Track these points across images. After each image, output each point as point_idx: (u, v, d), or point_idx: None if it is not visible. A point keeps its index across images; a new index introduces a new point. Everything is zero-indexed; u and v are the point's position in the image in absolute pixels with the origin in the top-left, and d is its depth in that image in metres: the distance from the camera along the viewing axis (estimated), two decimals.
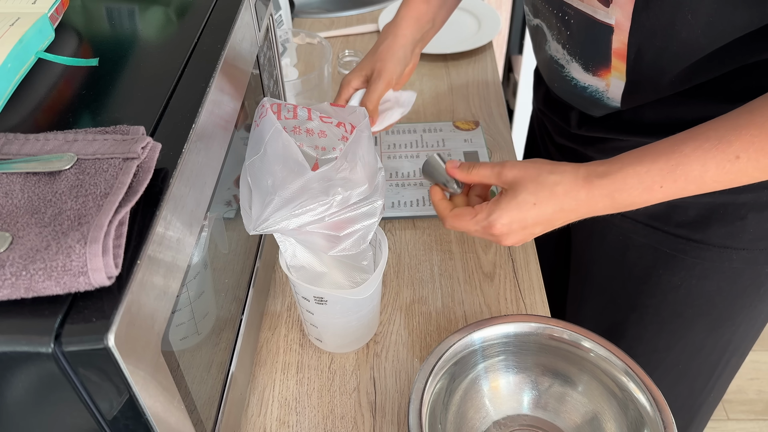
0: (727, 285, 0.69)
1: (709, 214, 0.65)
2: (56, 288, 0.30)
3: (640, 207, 0.53)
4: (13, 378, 0.32)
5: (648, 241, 0.70)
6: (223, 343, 0.51)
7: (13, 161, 0.36)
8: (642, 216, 0.69)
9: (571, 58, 0.64)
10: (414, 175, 0.83)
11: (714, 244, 0.66)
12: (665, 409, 0.52)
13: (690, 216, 0.65)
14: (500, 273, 0.73)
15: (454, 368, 0.58)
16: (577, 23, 0.60)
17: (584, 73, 0.63)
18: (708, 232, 0.66)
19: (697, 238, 0.67)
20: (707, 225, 0.66)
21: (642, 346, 0.80)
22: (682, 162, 0.49)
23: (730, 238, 0.65)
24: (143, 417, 0.34)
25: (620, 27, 0.56)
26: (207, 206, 0.44)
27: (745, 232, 0.65)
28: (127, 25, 0.54)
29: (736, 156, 0.48)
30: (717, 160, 0.49)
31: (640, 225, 0.70)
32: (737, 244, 0.66)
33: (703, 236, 0.66)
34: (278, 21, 0.98)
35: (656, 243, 0.70)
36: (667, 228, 0.68)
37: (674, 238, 0.68)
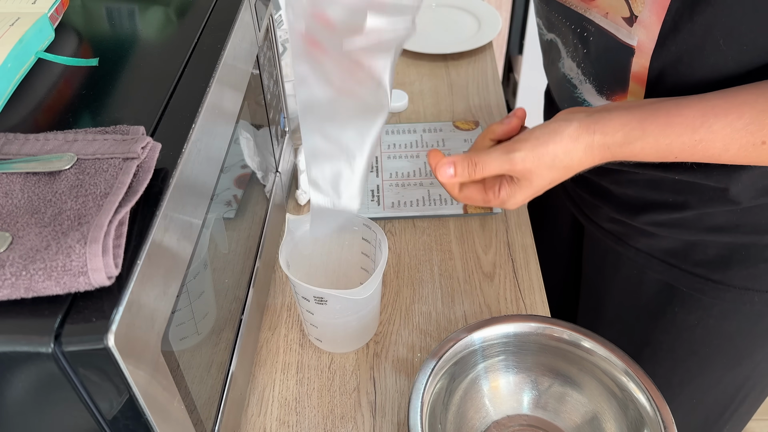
0: (748, 326, 0.66)
1: (730, 254, 0.61)
2: (56, 288, 0.30)
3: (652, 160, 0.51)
4: (13, 378, 0.32)
5: (664, 277, 0.67)
6: (223, 343, 0.51)
7: (13, 161, 0.36)
8: (658, 252, 0.66)
9: (585, 79, 0.60)
10: (414, 175, 0.83)
11: (734, 286, 0.63)
12: (665, 409, 0.52)
13: (709, 255, 0.62)
14: (500, 273, 0.73)
15: (454, 368, 0.58)
16: (596, 41, 0.56)
17: (597, 96, 0.60)
18: (728, 273, 0.62)
19: (717, 279, 0.63)
20: (728, 265, 0.62)
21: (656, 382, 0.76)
22: (706, 139, 0.47)
23: (752, 280, 0.62)
24: (143, 417, 0.34)
25: (642, 49, 0.52)
26: (207, 206, 0.44)
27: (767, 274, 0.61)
28: (127, 25, 0.54)
29: (762, 141, 0.46)
30: (742, 143, 0.46)
31: (656, 260, 0.67)
32: (759, 286, 0.62)
33: (723, 277, 0.63)
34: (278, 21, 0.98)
35: (673, 280, 0.67)
36: (685, 266, 0.64)
37: (692, 277, 0.65)
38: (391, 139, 0.90)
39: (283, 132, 0.76)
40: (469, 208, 0.78)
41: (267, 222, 0.66)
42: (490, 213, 0.78)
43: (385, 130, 0.91)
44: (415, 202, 0.79)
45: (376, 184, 0.82)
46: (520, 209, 0.80)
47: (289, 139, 0.79)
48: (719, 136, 0.46)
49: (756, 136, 0.45)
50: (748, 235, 0.59)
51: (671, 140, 0.48)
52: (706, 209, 0.59)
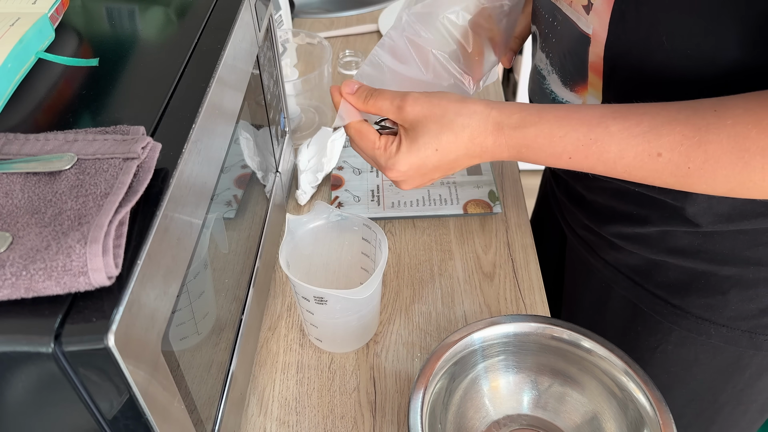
0: (706, 359, 0.64)
1: (689, 280, 0.60)
2: (56, 288, 0.30)
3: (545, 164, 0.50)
4: (13, 378, 0.32)
5: (628, 294, 0.66)
6: (223, 343, 0.51)
7: (14, 161, 0.36)
8: (624, 268, 0.65)
9: (552, 69, 0.60)
10: None
11: (692, 314, 0.61)
12: (665, 409, 0.52)
13: (670, 278, 0.61)
14: (500, 273, 0.73)
15: (454, 368, 0.58)
16: (562, 30, 0.56)
17: (563, 88, 0.59)
18: (687, 300, 0.61)
19: (676, 303, 0.62)
20: (687, 291, 0.61)
21: None
22: (601, 139, 0.45)
23: (710, 311, 0.60)
24: (143, 417, 0.34)
25: (596, 38, 0.51)
26: (207, 206, 0.44)
27: (726, 308, 0.59)
28: (127, 25, 0.54)
29: (658, 153, 0.43)
30: (638, 150, 0.44)
31: (622, 276, 0.66)
32: (717, 318, 0.60)
33: (682, 302, 0.62)
34: (278, 21, 0.98)
35: (636, 299, 0.66)
36: (648, 286, 0.63)
37: (653, 298, 0.64)
38: None
39: (283, 132, 0.76)
40: (469, 208, 0.78)
41: (267, 222, 0.66)
42: (490, 213, 0.78)
43: None
44: (415, 202, 0.79)
45: (376, 184, 0.82)
46: (520, 209, 0.80)
47: (289, 139, 0.79)
48: (615, 139, 0.45)
49: (652, 146, 0.43)
50: (708, 263, 0.58)
51: (566, 132, 0.46)
52: (668, 227, 0.58)
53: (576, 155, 0.46)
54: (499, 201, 0.79)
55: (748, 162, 0.41)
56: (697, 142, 0.42)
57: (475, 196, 0.80)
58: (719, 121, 0.42)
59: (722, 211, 0.54)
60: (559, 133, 0.47)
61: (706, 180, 0.43)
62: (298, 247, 0.63)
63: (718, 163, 0.42)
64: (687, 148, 0.43)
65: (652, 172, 0.45)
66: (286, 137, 0.78)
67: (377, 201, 0.80)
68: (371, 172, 0.84)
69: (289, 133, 0.79)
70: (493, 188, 0.81)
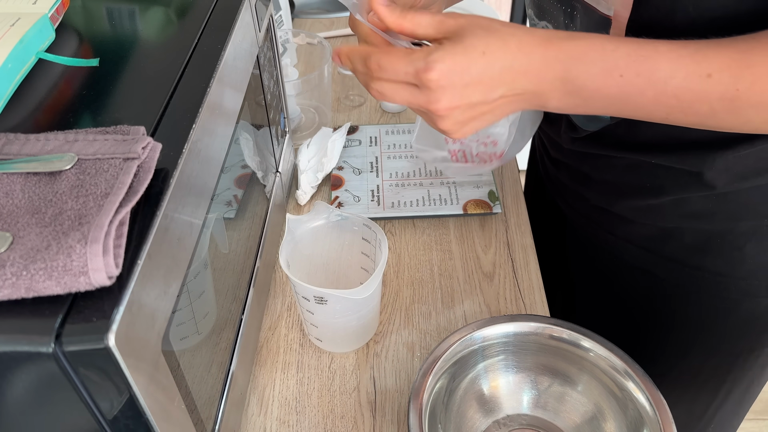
0: (725, 314, 0.66)
1: (706, 241, 0.62)
2: (57, 288, 0.30)
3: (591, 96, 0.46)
4: (14, 378, 0.32)
5: (642, 265, 0.67)
6: (223, 343, 0.51)
7: (14, 161, 0.36)
8: (636, 239, 0.67)
9: None
10: (414, 175, 0.83)
11: (710, 272, 0.63)
12: (665, 409, 0.52)
13: (686, 242, 0.63)
14: (500, 273, 0.73)
15: (454, 368, 0.58)
16: (581, 17, 0.56)
17: None
18: (704, 260, 0.63)
19: (693, 265, 0.64)
20: (704, 252, 0.62)
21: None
22: (652, 56, 0.44)
23: (728, 267, 0.62)
24: (143, 417, 0.34)
25: (618, 19, 0.52)
26: (207, 206, 0.44)
27: (743, 262, 0.61)
28: (128, 25, 0.54)
29: (708, 74, 0.43)
30: (688, 70, 0.44)
31: (634, 247, 0.67)
32: (735, 273, 0.62)
33: (700, 264, 0.63)
34: (278, 21, 0.98)
35: (650, 267, 0.67)
36: (663, 253, 0.65)
37: (669, 264, 0.65)
38: (391, 139, 0.90)
39: (283, 132, 0.76)
40: (469, 208, 0.78)
41: (267, 222, 0.66)
42: (490, 213, 0.78)
43: (385, 130, 0.91)
44: (415, 202, 0.79)
45: (376, 184, 0.82)
46: (520, 209, 0.80)
47: (289, 139, 0.79)
48: (665, 57, 0.44)
49: (701, 66, 0.43)
50: (724, 222, 0.59)
51: (616, 46, 0.45)
52: (683, 194, 0.59)
53: (628, 71, 0.44)
54: (498, 201, 0.79)
55: None
56: (745, 64, 0.42)
57: (475, 196, 0.80)
58: (762, 45, 0.42)
59: (738, 170, 0.55)
60: (610, 47, 0.45)
61: (754, 103, 0.43)
62: (298, 247, 0.63)
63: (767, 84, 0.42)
64: (735, 69, 0.43)
65: (701, 94, 0.44)
66: (286, 137, 0.78)
67: (377, 201, 0.80)
68: (371, 172, 0.84)
69: (289, 133, 0.79)
70: (493, 188, 0.81)
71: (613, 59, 0.44)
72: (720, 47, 0.43)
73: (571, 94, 0.46)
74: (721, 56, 0.43)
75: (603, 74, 0.45)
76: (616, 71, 0.44)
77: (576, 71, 0.45)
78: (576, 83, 0.45)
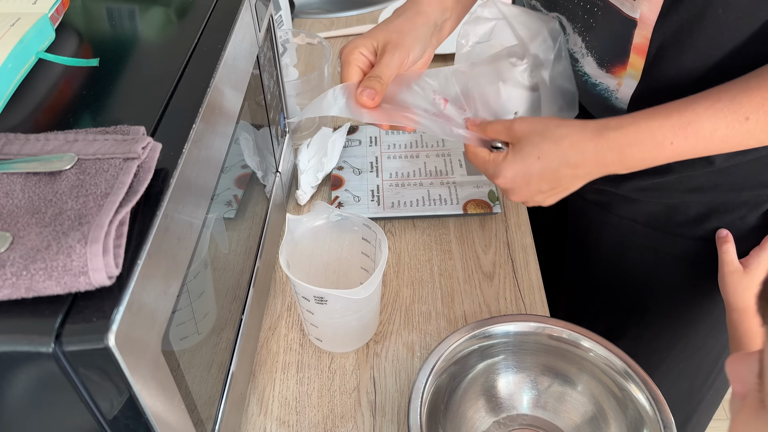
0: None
1: (709, 212, 0.65)
2: (57, 288, 0.30)
3: (651, 163, 0.53)
4: (14, 378, 0.32)
5: (648, 242, 0.70)
6: (223, 343, 0.51)
7: (14, 161, 0.36)
8: (641, 216, 0.69)
9: (588, 52, 0.63)
10: (414, 175, 0.83)
11: (713, 240, 0.67)
12: (665, 409, 0.52)
13: (690, 215, 0.66)
14: (500, 273, 0.73)
15: (454, 368, 0.58)
16: (603, 15, 0.58)
17: (598, 69, 0.62)
18: (707, 229, 0.66)
19: (697, 236, 0.67)
20: (707, 222, 0.66)
21: (643, 346, 0.80)
22: (694, 120, 0.50)
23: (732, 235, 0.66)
24: (143, 417, 0.34)
25: (644, 21, 0.55)
26: (207, 206, 0.44)
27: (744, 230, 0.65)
28: (128, 25, 0.54)
29: (745, 117, 0.49)
30: (727, 120, 0.50)
31: (639, 225, 0.70)
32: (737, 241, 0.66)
33: (703, 233, 0.67)
34: (278, 21, 0.98)
35: (656, 244, 0.70)
36: (667, 228, 0.68)
37: (674, 238, 0.68)
38: (391, 139, 0.90)
39: (283, 132, 0.76)
40: (468, 208, 0.78)
41: (267, 222, 0.66)
42: (490, 213, 0.78)
43: (385, 130, 0.91)
44: (415, 202, 0.79)
45: (376, 184, 0.82)
46: (520, 209, 0.80)
47: (289, 139, 0.79)
48: (705, 116, 0.50)
49: (738, 113, 0.49)
50: (726, 193, 0.63)
51: (660, 123, 0.51)
52: (688, 172, 0.62)
53: (677, 138, 0.51)
54: (498, 201, 0.79)
55: None
56: None
57: (475, 196, 0.80)
58: None
59: None
60: (655, 125, 0.51)
61: None
62: (298, 247, 0.63)
63: None
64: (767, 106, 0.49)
65: (746, 134, 0.50)
66: (286, 137, 0.78)
67: (377, 201, 0.80)
68: (371, 172, 0.84)
69: (289, 133, 0.79)
70: (493, 188, 0.81)
71: (662, 134, 0.51)
72: (750, 91, 0.49)
73: (629, 168, 0.54)
74: (753, 98, 0.49)
75: (656, 149, 0.52)
76: (666, 142, 0.51)
77: (630, 154, 0.52)
78: (631, 162, 0.53)
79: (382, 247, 0.59)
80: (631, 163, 0.53)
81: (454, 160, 0.85)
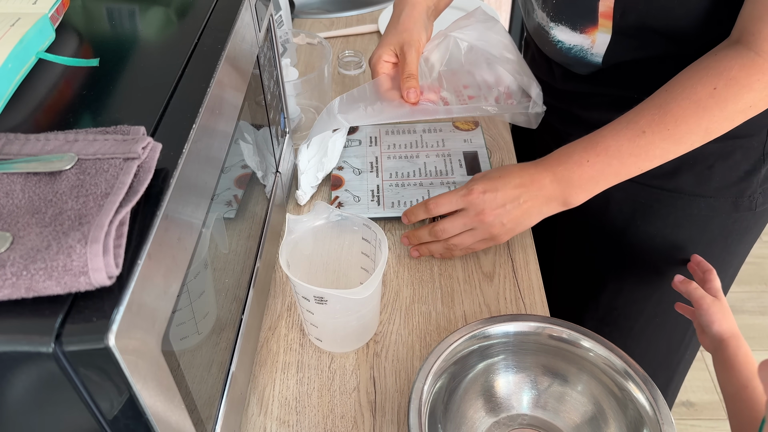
0: (698, 233, 0.77)
1: (680, 164, 0.71)
2: (57, 288, 0.30)
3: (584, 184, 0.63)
4: (14, 378, 0.32)
5: (626, 194, 0.76)
6: (223, 343, 0.51)
7: (14, 161, 0.36)
8: None
9: (555, 24, 0.71)
10: (414, 175, 0.83)
11: (685, 192, 0.74)
12: (665, 409, 0.52)
13: (663, 168, 0.69)
14: (500, 273, 0.73)
15: (454, 368, 0.58)
16: None
17: (572, 33, 0.70)
18: (679, 181, 0.74)
19: (670, 188, 0.75)
20: (679, 174, 0.73)
21: (622, 298, 0.86)
22: (599, 140, 0.62)
23: (699, 186, 0.73)
24: (143, 417, 0.34)
25: None
26: (207, 206, 0.44)
27: (712, 180, 0.73)
28: (128, 25, 0.54)
29: (642, 131, 0.60)
30: (628, 136, 0.60)
31: None
32: (705, 192, 0.74)
33: (676, 185, 0.74)
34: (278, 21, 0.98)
35: (634, 195, 0.77)
36: (644, 179, 0.71)
37: (650, 189, 0.76)
38: (391, 139, 0.90)
39: (283, 132, 0.76)
40: None
41: (267, 222, 0.66)
42: None
43: (385, 130, 0.91)
44: (415, 202, 0.79)
45: (376, 184, 0.82)
46: None
47: (289, 139, 0.79)
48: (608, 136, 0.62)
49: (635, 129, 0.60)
50: None
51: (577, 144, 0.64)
52: None
53: (590, 156, 0.62)
54: None
55: (706, 107, 0.58)
56: (663, 111, 0.59)
57: None
58: (671, 93, 0.59)
59: None
60: (572, 148, 0.64)
61: (686, 131, 0.59)
62: (298, 247, 0.63)
63: (686, 117, 0.58)
64: (659, 117, 0.59)
65: (648, 146, 0.60)
66: (286, 137, 0.78)
67: (377, 201, 0.80)
68: (371, 172, 0.84)
69: (289, 133, 0.79)
70: None
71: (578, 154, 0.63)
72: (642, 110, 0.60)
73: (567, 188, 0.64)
74: (646, 115, 0.60)
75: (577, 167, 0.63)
76: (583, 160, 0.63)
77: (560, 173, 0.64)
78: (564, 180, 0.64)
79: (382, 247, 0.59)
80: (564, 181, 0.63)
81: (454, 160, 0.85)
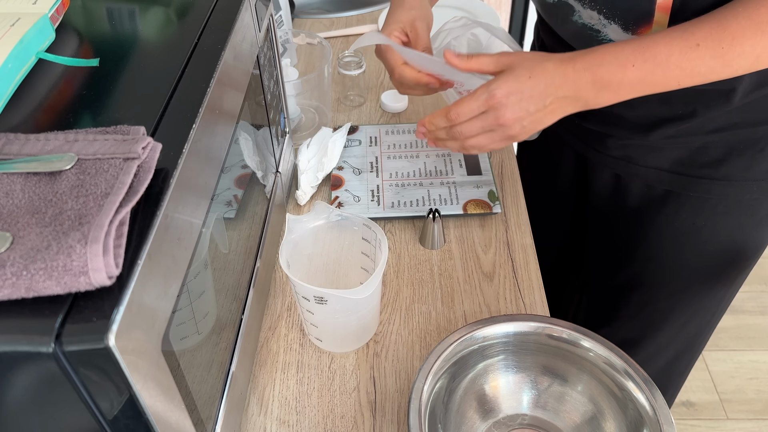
0: (747, 218, 0.75)
1: (729, 151, 0.70)
2: (57, 288, 0.30)
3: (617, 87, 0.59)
4: (14, 378, 0.32)
5: (672, 187, 0.75)
6: (223, 343, 0.51)
7: (14, 161, 0.36)
8: (666, 163, 0.74)
9: (608, 21, 0.68)
10: (414, 175, 0.83)
11: (736, 179, 0.72)
12: (664, 409, 0.52)
13: (712, 156, 0.70)
14: (500, 273, 0.73)
15: (454, 368, 0.58)
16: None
17: (624, 34, 0.67)
18: (730, 168, 0.71)
19: (720, 176, 0.72)
20: (728, 161, 0.71)
21: (663, 291, 0.84)
22: (651, 45, 0.58)
23: (750, 171, 0.71)
24: (143, 416, 0.34)
25: None
26: (207, 206, 0.44)
27: (763, 162, 0.71)
28: (128, 25, 0.54)
29: (696, 44, 0.56)
30: (681, 47, 0.57)
31: (664, 173, 0.74)
32: (756, 175, 0.72)
33: (726, 172, 0.72)
34: (278, 21, 0.98)
35: (681, 188, 0.75)
36: (692, 171, 0.72)
37: (698, 180, 0.73)
38: (391, 139, 0.90)
39: (283, 132, 0.76)
40: (469, 208, 0.78)
41: (267, 222, 0.66)
42: (490, 213, 0.78)
43: (385, 130, 0.91)
44: (415, 202, 0.79)
45: (376, 184, 0.82)
46: (520, 209, 0.80)
47: (289, 139, 0.79)
48: (660, 42, 0.57)
49: (690, 41, 0.56)
50: (744, 130, 0.68)
51: (622, 46, 0.58)
52: (710, 113, 0.68)
53: (637, 60, 0.58)
54: (498, 201, 0.79)
55: (765, 31, 0.54)
56: (722, 27, 0.56)
57: (475, 196, 0.80)
58: (733, 11, 0.56)
59: (756, 80, 0.65)
60: (619, 48, 0.58)
61: (738, 53, 0.56)
62: (298, 247, 0.63)
63: (743, 38, 0.55)
64: (716, 33, 0.56)
65: (697, 60, 0.57)
66: (286, 137, 0.78)
67: (377, 201, 0.80)
68: (371, 172, 0.84)
69: (289, 133, 0.79)
70: (493, 188, 0.81)
71: (624, 56, 0.58)
72: (700, 22, 0.56)
73: (601, 90, 0.59)
74: (703, 27, 0.56)
75: (620, 69, 0.58)
76: (628, 63, 0.58)
77: (599, 74, 0.59)
78: (602, 81, 0.59)
79: (382, 247, 0.59)
80: (601, 84, 0.59)
81: (454, 160, 0.85)
